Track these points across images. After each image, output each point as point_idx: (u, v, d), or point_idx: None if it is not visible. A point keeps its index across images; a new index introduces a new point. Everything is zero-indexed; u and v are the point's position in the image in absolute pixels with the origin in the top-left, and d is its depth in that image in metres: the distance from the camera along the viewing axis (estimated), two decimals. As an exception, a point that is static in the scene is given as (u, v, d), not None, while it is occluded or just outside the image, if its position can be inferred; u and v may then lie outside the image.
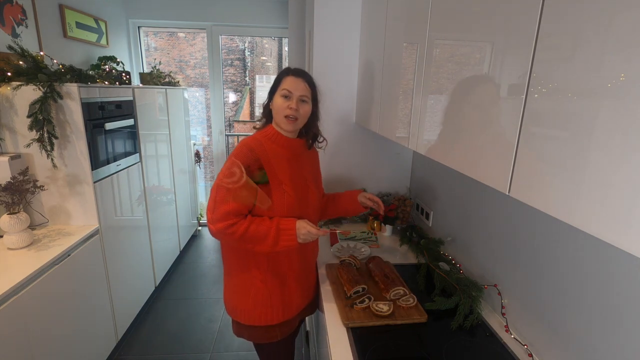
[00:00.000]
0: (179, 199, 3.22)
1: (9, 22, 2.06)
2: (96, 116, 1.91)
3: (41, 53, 1.87)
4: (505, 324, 1.17)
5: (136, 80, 3.43)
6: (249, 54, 4.27)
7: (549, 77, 0.55)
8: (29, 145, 1.69)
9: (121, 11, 3.35)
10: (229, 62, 4.17)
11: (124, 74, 2.50)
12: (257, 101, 4.34)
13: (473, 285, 1.28)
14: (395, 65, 1.32)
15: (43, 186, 1.77)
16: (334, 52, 1.88)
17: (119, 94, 2.17)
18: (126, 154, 2.25)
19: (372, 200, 1.38)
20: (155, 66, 3.23)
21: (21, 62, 1.73)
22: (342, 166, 2.06)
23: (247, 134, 3.49)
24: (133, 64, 3.55)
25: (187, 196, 3.50)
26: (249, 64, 4.30)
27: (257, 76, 4.36)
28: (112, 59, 2.92)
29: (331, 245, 1.74)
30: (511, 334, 1.14)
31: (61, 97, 1.72)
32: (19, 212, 1.63)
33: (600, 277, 0.84)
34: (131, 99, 2.33)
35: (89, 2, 2.83)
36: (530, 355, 1.04)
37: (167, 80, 3.23)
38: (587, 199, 0.49)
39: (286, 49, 4.00)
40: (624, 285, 0.78)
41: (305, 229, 1.11)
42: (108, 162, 2.03)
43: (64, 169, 1.83)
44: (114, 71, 2.58)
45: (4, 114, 1.71)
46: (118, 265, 2.12)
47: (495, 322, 1.20)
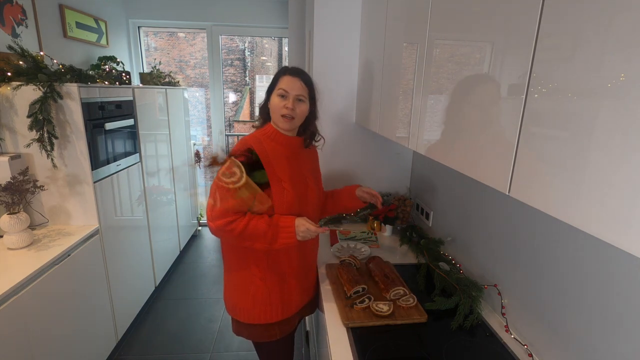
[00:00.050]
0: (179, 199, 3.22)
1: (9, 22, 2.06)
2: (96, 116, 1.91)
3: (41, 53, 1.87)
4: (505, 324, 1.17)
5: (136, 80, 3.43)
6: (249, 54, 4.27)
7: (549, 77, 0.55)
8: (29, 145, 1.69)
9: (121, 11, 3.35)
10: (229, 62, 4.17)
11: (124, 74, 2.50)
12: (257, 101, 4.34)
13: (473, 285, 1.28)
14: (395, 65, 1.32)
15: (43, 186, 1.77)
16: (334, 52, 1.88)
17: (119, 94, 2.17)
18: (126, 154, 2.25)
19: (370, 194, 1.38)
20: (155, 66, 3.23)
21: (21, 62, 1.73)
22: (342, 166, 2.06)
23: (247, 134, 3.49)
24: (133, 64, 3.55)
25: (187, 196, 3.50)
26: (249, 64, 4.30)
27: (257, 76, 4.36)
28: (112, 59, 2.92)
29: (331, 245, 1.74)
30: (511, 334, 1.14)
31: (61, 97, 1.72)
32: (19, 212, 1.63)
33: (600, 277, 0.84)
34: (131, 99, 2.33)
35: (89, 2, 2.83)
36: (530, 355, 1.04)
37: (167, 80, 3.23)
38: (587, 199, 0.49)
39: (286, 49, 4.00)
40: (624, 285, 0.78)
41: (304, 226, 1.11)
42: (108, 162, 2.03)
43: (64, 169, 1.83)
44: (114, 71, 2.58)
45: (4, 114, 1.71)
46: (118, 265, 2.12)
47: (495, 322, 1.20)
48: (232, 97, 4.26)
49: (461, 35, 0.85)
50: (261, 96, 1.27)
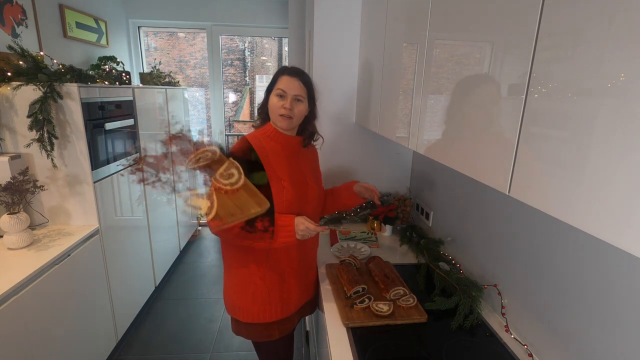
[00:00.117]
0: (179, 198, 3.21)
1: (9, 22, 2.06)
2: (96, 116, 1.91)
3: (41, 53, 1.87)
4: (505, 324, 1.17)
5: (136, 80, 3.43)
6: (249, 54, 4.27)
7: (549, 77, 0.55)
8: (29, 145, 1.69)
9: (121, 11, 3.35)
10: (229, 62, 4.17)
11: (124, 74, 2.50)
12: (257, 101, 4.34)
13: (473, 285, 1.28)
14: (395, 65, 1.32)
15: (43, 186, 1.77)
16: (334, 52, 1.88)
17: (119, 94, 2.17)
18: (126, 154, 2.25)
19: (367, 189, 1.39)
20: (155, 66, 3.23)
21: (21, 62, 1.73)
22: (342, 166, 2.06)
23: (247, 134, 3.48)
24: (133, 64, 3.55)
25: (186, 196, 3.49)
26: (249, 64, 4.30)
27: (257, 76, 4.36)
28: (112, 59, 2.92)
29: (331, 245, 1.74)
30: (511, 334, 1.13)
31: (61, 97, 1.72)
32: (19, 212, 1.63)
33: (600, 277, 0.84)
34: (131, 99, 2.33)
35: (89, 2, 2.83)
36: (530, 355, 1.04)
37: (167, 80, 3.23)
38: (587, 199, 0.49)
39: (286, 49, 4.00)
40: (624, 285, 0.78)
41: (303, 224, 1.11)
42: (108, 162, 2.03)
43: (64, 169, 1.83)
44: (114, 71, 2.58)
45: (4, 114, 1.71)
46: (118, 265, 2.12)
47: (495, 322, 1.19)
48: (232, 97, 4.26)
49: (461, 35, 0.85)
50: (261, 96, 1.27)
